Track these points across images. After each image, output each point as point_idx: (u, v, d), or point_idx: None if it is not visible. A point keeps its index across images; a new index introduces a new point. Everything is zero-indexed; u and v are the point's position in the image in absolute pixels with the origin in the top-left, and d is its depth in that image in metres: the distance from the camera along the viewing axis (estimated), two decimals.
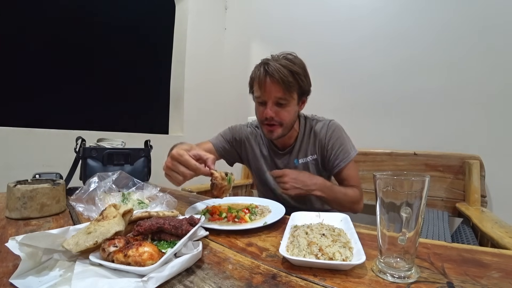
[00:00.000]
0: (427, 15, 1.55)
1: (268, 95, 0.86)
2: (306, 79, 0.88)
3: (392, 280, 0.37)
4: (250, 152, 1.08)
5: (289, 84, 0.83)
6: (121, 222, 0.46)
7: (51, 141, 1.51)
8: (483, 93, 1.38)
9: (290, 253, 0.44)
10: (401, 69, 1.63)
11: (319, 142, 0.96)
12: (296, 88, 0.87)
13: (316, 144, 0.97)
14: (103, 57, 2.24)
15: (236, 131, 1.09)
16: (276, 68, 0.82)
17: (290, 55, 0.88)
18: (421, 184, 0.36)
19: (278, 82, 0.83)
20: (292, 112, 0.89)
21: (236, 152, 1.10)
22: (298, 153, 0.99)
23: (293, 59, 0.87)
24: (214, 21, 2.50)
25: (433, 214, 1.29)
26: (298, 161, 0.99)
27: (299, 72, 0.85)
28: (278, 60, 0.85)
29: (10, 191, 0.67)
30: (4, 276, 0.37)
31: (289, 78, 0.82)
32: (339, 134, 0.96)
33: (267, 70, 0.84)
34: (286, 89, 0.84)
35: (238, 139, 1.08)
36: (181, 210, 0.75)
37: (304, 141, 0.99)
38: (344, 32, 1.85)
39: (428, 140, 1.52)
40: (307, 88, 0.91)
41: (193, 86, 2.27)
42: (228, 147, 1.08)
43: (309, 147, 0.98)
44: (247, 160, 1.10)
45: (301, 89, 0.88)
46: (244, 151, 1.09)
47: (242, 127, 1.10)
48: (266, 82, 0.85)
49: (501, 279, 0.38)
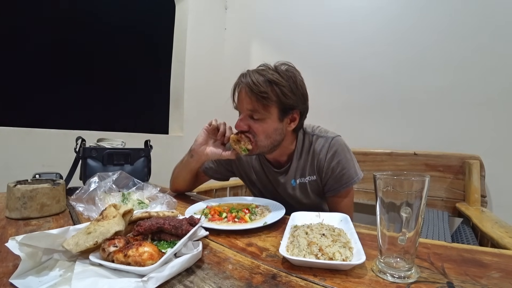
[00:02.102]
0: (427, 15, 1.55)
1: (241, 106, 0.78)
2: (292, 91, 0.75)
3: (392, 280, 0.37)
4: (242, 170, 0.98)
5: (262, 96, 0.72)
6: (121, 222, 0.46)
7: (51, 141, 1.51)
8: (483, 93, 1.38)
9: (290, 253, 0.44)
10: (401, 69, 1.63)
11: (318, 162, 0.84)
12: (274, 101, 0.74)
13: (315, 164, 0.85)
14: (103, 57, 2.24)
15: None
16: (251, 78, 0.73)
17: (284, 65, 0.78)
18: (421, 184, 0.36)
19: (248, 92, 0.74)
20: (269, 129, 0.76)
21: (227, 170, 1.00)
22: (295, 173, 0.87)
23: (282, 69, 0.76)
24: (214, 21, 2.50)
25: (433, 214, 1.30)
26: (296, 181, 0.87)
27: (280, 82, 0.73)
28: (262, 70, 0.75)
29: (10, 191, 0.67)
30: (4, 276, 0.37)
31: (261, 88, 0.71)
32: (341, 155, 0.82)
33: (241, 80, 0.76)
34: (258, 100, 0.73)
35: None
36: (181, 210, 0.75)
37: (302, 159, 0.86)
38: (344, 32, 1.85)
39: (428, 140, 1.52)
40: (292, 102, 0.76)
41: (193, 86, 2.27)
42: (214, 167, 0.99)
43: (308, 166, 0.86)
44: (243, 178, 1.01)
45: (282, 103, 0.75)
46: (236, 169, 0.99)
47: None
48: (239, 93, 0.78)
49: (501, 279, 0.38)
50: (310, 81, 0.85)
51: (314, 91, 0.92)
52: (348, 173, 0.83)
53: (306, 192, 0.89)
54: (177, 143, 2.17)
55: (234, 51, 2.52)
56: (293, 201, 0.92)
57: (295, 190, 0.89)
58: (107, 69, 2.26)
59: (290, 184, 0.89)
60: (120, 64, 2.34)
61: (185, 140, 2.21)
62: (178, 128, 2.26)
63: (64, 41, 1.97)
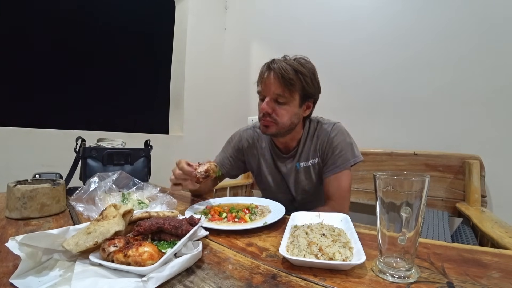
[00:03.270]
0: (427, 15, 1.55)
1: (268, 90, 0.85)
2: (312, 82, 0.85)
3: (392, 280, 0.37)
4: (251, 156, 1.05)
5: (290, 82, 0.81)
6: (121, 222, 0.46)
7: (51, 141, 1.51)
8: (483, 93, 1.38)
9: (290, 253, 0.44)
10: (401, 69, 1.63)
11: (320, 145, 0.93)
12: (298, 88, 0.84)
13: (317, 147, 0.93)
14: (103, 57, 2.24)
15: (235, 141, 1.07)
16: (280, 65, 0.81)
17: (302, 59, 0.87)
18: (421, 184, 0.36)
19: (278, 78, 0.81)
20: (291, 113, 0.86)
21: (240, 161, 1.07)
22: (300, 156, 0.95)
23: (303, 61, 0.86)
24: (214, 21, 2.50)
25: (433, 214, 1.29)
26: (300, 164, 0.95)
27: (304, 72, 0.83)
28: (287, 60, 0.85)
29: (10, 191, 0.67)
30: (4, 276, 0.37)
31: (290, 75, 0.80)
32: (341, 138, 0.91)
33: (270, 66, 0.83)
34: (286, 86, 0.82)
35: (237, 148, 1.06)
36: (181, 210, 0.75)
37: (306, 144, 0.95)
38: (345, 32, 1.85)
39: (428, 140, 1.52)
40: (312, 91, 0.87)
41: (193, 86, 2.27)
42: (232, 161, 1.06)
43: (311, 150, 0.94)
44: (250, 165, 1.07)
45: (304, 91, 0.85)
46: (246, 157, 1.06)
47: (241, 134, 1.07)
48: (267, 77, 0.84)
49: (501, 279, 0.38)
50: None
51: None
52: (345, 155, 0.89)
53: (310, 176, 0.95)
54: (177, 143, 2.17)
55: (234, 51, 2.52)
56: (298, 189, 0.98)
57: (300, 173, 0.96)
58: (107, 69, 2.26)
59: (295, 168, 0.96)
60: (120, 64, 2.34)
61: (185, 140, 2.21)
62: (178, 128, 2.26)
63: (64, 41, 1.97)
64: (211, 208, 0.72)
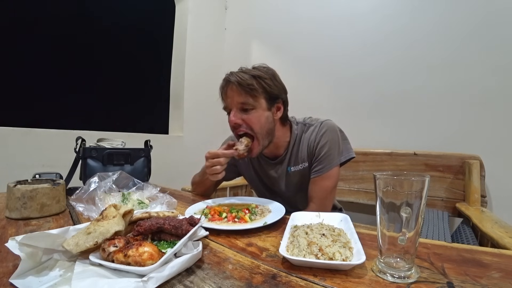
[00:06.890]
0: (427, 14, 1.55)
1: (231, 101, 0.84)
2: (273, 83, 0.84)
3: (392, 280, 0.37)
4: (242, 162, 1.04)
5: (250, 88, 0.80)
6: (121, 222, 0.46)
7: (51, 141, 1.51)
8: (483, 93, 1.38)
9: (290, 253, 0.44)
10: (401, 69, 1.63)
11: (309, 147, 0.90)
12: (261, 92, 0.82)
13: (306, 150, 0.91)
14: (103, 57, 2.24)
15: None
16: (236, 75, 0.81)
17: (260, 66, 0.87)
18: (421, 184, 0.36)
19: (237, 87, 0.80)
20: (262, 118, 0.83)
21: (233, 165, 1.05)
22: (290, 160, 0.93)
23: (260, 67, 0.85)
24: (214, 21, 2.50)
25: (433, 214, 1.29)
26: (291, 168, 0.93)
27: (262, 76, 0.82)
28: (243, 70, 0.84)
29: (10, 191, 0.67)
30: (4, 276, 0.37)
31: (248, 81, 0.80)
32: (329, 136, 0.88)
33: (227, 79, 0.83)
34: (247, 92, 0.81)
35: None
36: (181, 210, 0.75)
37: (294, 149, 0.93)
38: (344, 32, 1.85)
39: (428, 140, 1.52)
40: (276, 92, 0.85)
41: (193, 86, 2.27)
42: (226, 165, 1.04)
43: (301, 154, 0.92)
44: (242, 170, 1.07)
45: (268, 93, 0.83)
46: (237, 162, 1.05)
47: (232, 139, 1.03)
48: (227, 90, 0.84)
49: (501, 279, 0.38)
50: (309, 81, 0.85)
51: (314, 90, 0.94)
52: (331, 155, 0.87)
53: (303, 179, 0.93)
54: (177, 143, 2.17)
55: (234, 51, 2.52)
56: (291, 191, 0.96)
57: (291, 177, 0.94)
58: (107, 69, 2.26)
59: (286, 172, 0.94)
60: (120, 64, 2.34)
61: (185, 140, 2.21)
62: (178, 128, 2.26)
63: (65, 41, 1.97)
64: (211, 208, 0.72)
